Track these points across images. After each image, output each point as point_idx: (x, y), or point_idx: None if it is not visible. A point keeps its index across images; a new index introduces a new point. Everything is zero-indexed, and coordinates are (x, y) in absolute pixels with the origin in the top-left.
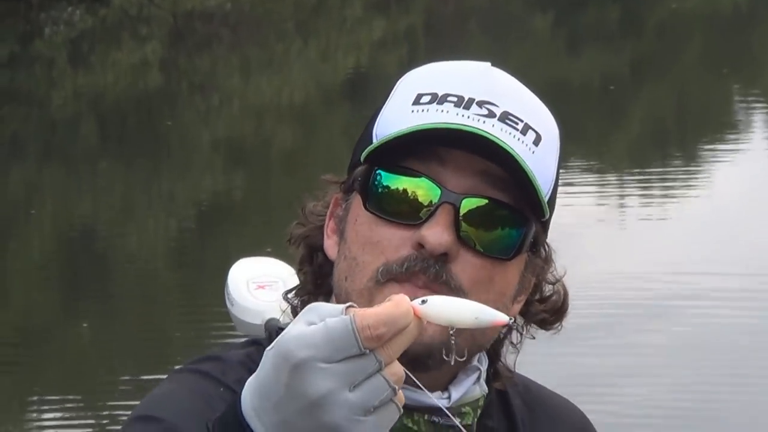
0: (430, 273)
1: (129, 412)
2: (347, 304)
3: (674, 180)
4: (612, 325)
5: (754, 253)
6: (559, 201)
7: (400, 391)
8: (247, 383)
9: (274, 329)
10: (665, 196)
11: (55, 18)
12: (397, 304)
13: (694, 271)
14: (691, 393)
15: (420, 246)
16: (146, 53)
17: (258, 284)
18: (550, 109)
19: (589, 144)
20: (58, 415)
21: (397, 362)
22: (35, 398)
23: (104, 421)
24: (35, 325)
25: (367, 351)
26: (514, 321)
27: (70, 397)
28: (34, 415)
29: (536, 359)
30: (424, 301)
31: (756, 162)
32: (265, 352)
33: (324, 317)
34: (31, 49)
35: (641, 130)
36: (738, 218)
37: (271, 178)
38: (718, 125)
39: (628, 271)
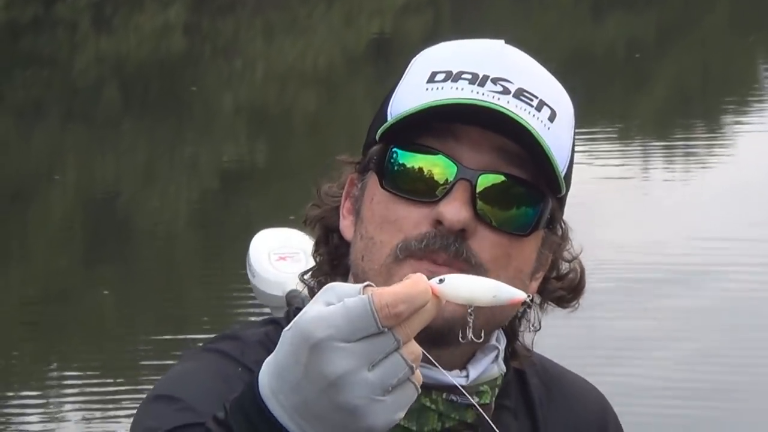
0: (450, 251)
1: (148, 376)
2: (365, 284)
3: (698, 147)
4: (636, 289)
5: None
6: (584, 166)
7: (418, 370)
8: (264, 364)
9: (294, 306)
10: (689, 162)
11: None
12: (415, 282)
13: (717, 237)
14: (717, 357)
15: (438, 223)
16: (169, 17)
17: (279, 255)
18: (574, 76)
19: (613, 111)
20: (79, 377)
21: (414, 341)
22: (56, 361)
23: (124, 385)
24: (57, 288)
25: (386, 329)
26: (532, 299)
27: (91, 360)
28: (55, 377)
29: (561, 323)
30: (441, 280)
31: None
32: (283, 333)
33: (342, 297)
34: (53, 12)
35: (666, 97)
36: (762, 184)
37: (294, 143)
38: (743, 93)
39: (653, 235)
